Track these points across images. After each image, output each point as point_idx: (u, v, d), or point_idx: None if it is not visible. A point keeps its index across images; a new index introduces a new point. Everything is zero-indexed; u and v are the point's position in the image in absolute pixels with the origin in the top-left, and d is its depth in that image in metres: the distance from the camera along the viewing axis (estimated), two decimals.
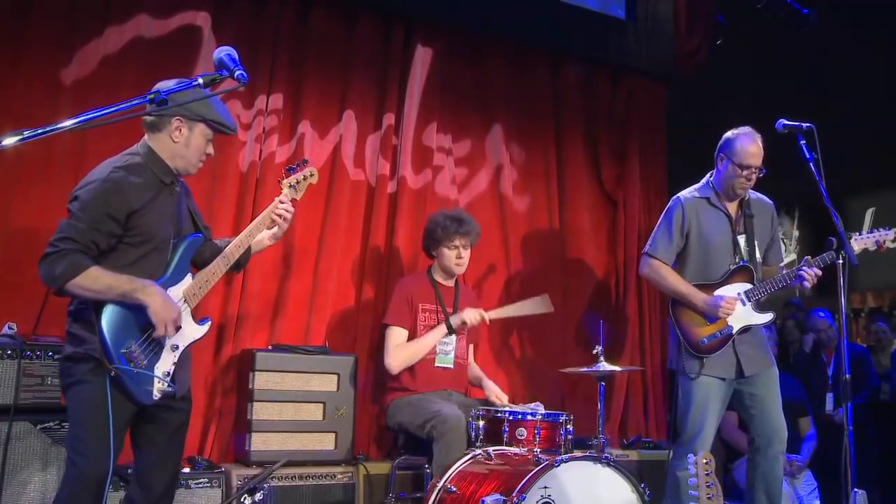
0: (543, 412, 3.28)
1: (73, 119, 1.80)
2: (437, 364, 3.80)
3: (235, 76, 2.07)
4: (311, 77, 4.33)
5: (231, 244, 2.82)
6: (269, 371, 3.56)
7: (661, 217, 3.79)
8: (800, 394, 4.79)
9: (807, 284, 3.49)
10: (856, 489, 2.95)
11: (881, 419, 5.22)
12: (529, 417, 3.22)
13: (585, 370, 3.34)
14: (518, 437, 3.19)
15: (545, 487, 2.83)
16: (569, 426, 3.26)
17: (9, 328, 3.12)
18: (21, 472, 2.93)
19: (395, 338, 3.77)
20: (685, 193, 3.76)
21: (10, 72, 3.60)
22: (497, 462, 3.08)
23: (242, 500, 3.29)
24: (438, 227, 3.85)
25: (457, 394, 3.84)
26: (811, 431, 4.73)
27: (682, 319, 3.60)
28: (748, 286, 3.56)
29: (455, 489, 3.03)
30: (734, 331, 3.53)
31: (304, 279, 4.17)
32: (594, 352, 3.33)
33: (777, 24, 5.47)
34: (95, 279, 2.39)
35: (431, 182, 4.62)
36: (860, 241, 3.44)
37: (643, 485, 3.02)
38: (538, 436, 3.19)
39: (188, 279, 2.67)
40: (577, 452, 3.11)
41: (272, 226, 2.93)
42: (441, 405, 3.49)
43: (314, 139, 4.32)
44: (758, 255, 3.67)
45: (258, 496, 3.32)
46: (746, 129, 3.61)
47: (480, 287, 4.70)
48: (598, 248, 5.19)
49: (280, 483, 3.41)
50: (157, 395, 2.52)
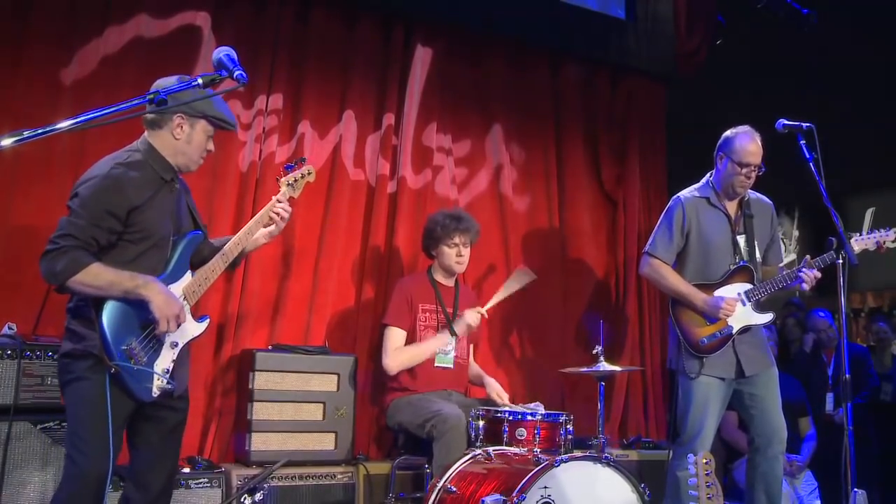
0: (543, 412, 3.29)
1: (73, 119, 1.80)
2: (437, 364, 3.79)
3: (235, 76, 2.07)
4: (311, 77, 4.33)
5: (230, 242, 2.82)
6: (269, 371, 3.56)
7: (662, 217, 3.79)
8: (800, 394, 4.79)
9: (805, 286, 3.49)
10: (856, 489, 2.95)
11: (881, 419, 5.22)
12: (529, 417, 3.22)
13: (585, 370, 3.33)
14: (518, 437, 3.19)
15: (545, 487, 2.83)
16: (569, 426, 3.26)
17: (9, 328, 3.12)
18: (21, 472, 2.93)
19: (394, 338, 3.77)
20: (685, 193, 3.76)
21: (10, 72, 3.60)
22: (497, 462, 3.08)
23: (242, 500, 3.29)
24: (438, 226, 3.84)
25: (457, 394, 3.84)
26: (811, 431, 4.73)
27: (682, 319, 3.61)
28: (748, 286, 3.57)
29: (455, 489, 3.03)
30: (734, 331, 3.53)
31: (304, 279, 4.17)
32: (594, 352, 3.33)
33: (777, 24, 5.47)
34: (97, 276, 2.39)
35: (431, 182, 4.62)
36: (860, 242, 3.45)
37: (643, 485, 3.02)
38: (538, 436, 3.19)
39: (188, 276, 2.67)
40: (577, 452, 3.11)
41: (269, 224, 2.93)
42: (441, 405, 3.49)
43: (314, 139, 4.32)
44: (758, 255, 3.67)
45: (258, 496, 3.32)
46: (745, 128, 3.62)
47: (480, 287, 4.69)
48: (598, 248, 5.19)
49: (280, 483, 3.41)
50: (157, 393, 2.52)
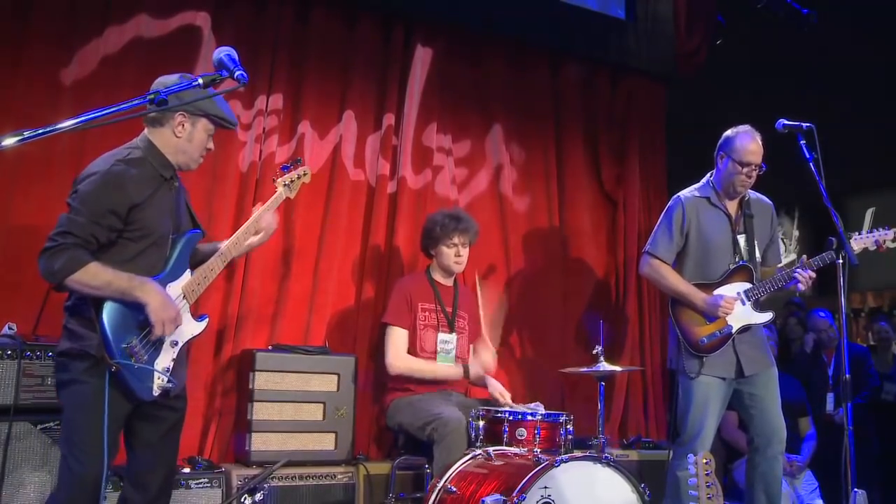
0: (543, 412, 3.28)
1: (73, 119, 1.80)
2: (438, 363, 3.79)
3: (235, 76, 2.06)
4: (311, 77, 4.33)
5: (228, 241, 2.82)
6: (269, 371, 3.56)
7: (662, 216, 3.79)
8: (799, 394, 4.79)
9: (801, 287, 3.49)
10: (856, 489, 2.95)
11: (881, 419, 5.22)
12: (529, 418, 3.22)
13: (585, 370, 3.33)
14: (518, 438, 3.19)
15: (545, 487, 2.83)
16: (569, 426, 3.26)
17: (9, 328, 3.12)
18: (21, 473, 2.93)
19: (397, 337, 3.77)
20: (685, 193, 3.76)
21: (10, 72, 3.60)
22: (497, 462, 3.07)
23: (242, 501, 3.29)
24: (437, 226, 3.84)
25: (457, 394, 3.84)
26: (811, 431, 4.72)
27: (682, 319, 3.61)
28: (748, 285, 3.57)
29: (455, 489, 3.02)
30: (734, 330, 3.53)
31: (304, 279, 4.17)
32: (594, 352, 3.33)
33: (777, 24, 5.47)
34: (95, 275, 2.37)
35: (431, 182, 4.62)
36: (860, 241, 3.45)
37: (643, 485, 3.01)
38: (538, 436, 3.19)
39: (187, 275, 2.66)
40: (577, 452, 3.11)
41: (257, 234, 2.92)
42: (442, 408, 3.48)
43: (314, 139, 4.32)
44: (757, 255, 3.67)
45: (258, 496, 3.32)
46: (746, 127, 3.62)
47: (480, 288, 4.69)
48: (598, 248, 5.19)
49: (280, 483, 3.40)
50: (157, 392, 2.51)
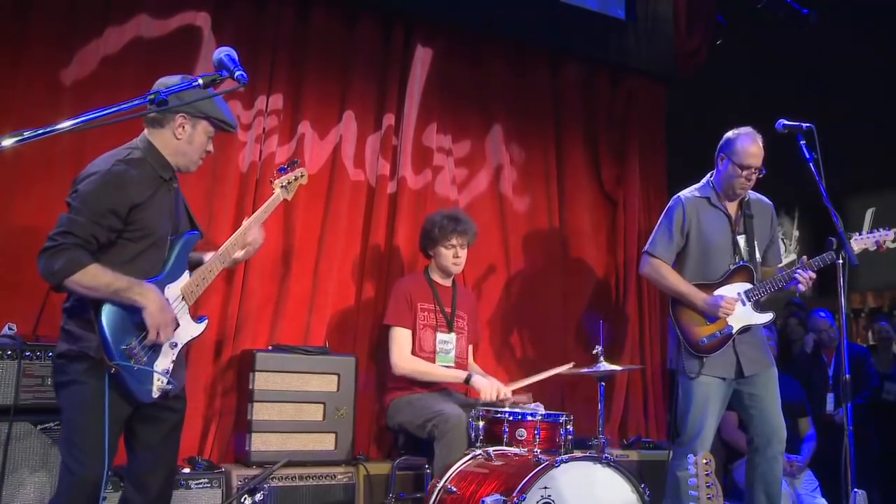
0: (543, 412, 3.29)
1: (74, 119, 1.79)
2: (438, 363, 3.79)
3: (235, 77, 2.06)
4: (311, 77, 4.33)
5: (226, 243, 2.81)
6: (269, 371, 3.56)
7: (662, 216, 3.79)
8: (799, 394, 4.79)
9: (801, 287, 3.49)
10: (856, 489, 2.95)
11: (881, 419, 5.22)
12: (529, 418, 3.22)
13: (585, 370, 3.33)
14: (518, 438, 3.19)
15: (545, 488, 2.83)
16: (569, 426, 3.26)
17: (9, 328, 3.12)
18: (21, 473, 2.93)
19: (401, 338, 3.76)
20: (685, 193, 3.76)
21: (10, 72, 3.60)
22: (497, 462, 3.07)
23: (242, 501, 3.29)
24: (435, 227, 3.84)
25: (457, 394, 3.84)
26: (811, 432, 4.72)
27: (682, 319, 3.61)
28: (748, 286, 3.57)
29: (455, 489, 3.03)
30: (734, 330, 3.53)
31: (304, 279, 4.17)
32: (594, 352, 3.33)
33: (777, 24, 5.47)
34: (94, 277, 2.36)
35: (431, 182, 4.62)
36: (860, 242, 3.45)
37: (643, 485, 3.02)
38: (538, 436, 3.19)
39: (186, 276, 2.65)
40: (578, 453, 3.11)
41: (244, 247, 2.88)
42: (442, 405, 3.49)
43: (314, 139, 4.32)
44: (757, 256, 3.67)
45: (258, 496, 3.32)
46: (747, 130, 3.61)
47: (480, 287, 4.70)
48: (598, 248, 5.19)
49: (280, 483, 3.40)
50: (157, 394, 2.50)
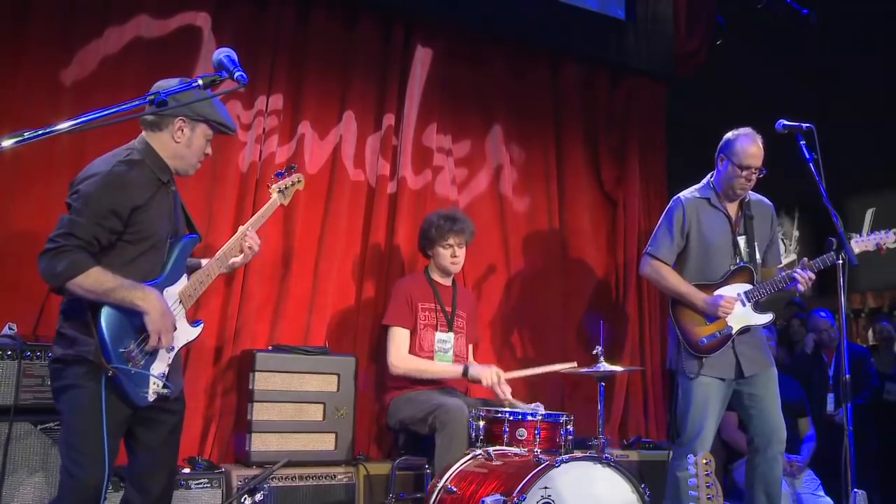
0: (543, 412, 3.28)
1: (74, 120, 1.79)
2: (440, 362, 3.79)
3: (235, 77, 2.05)
4: (311, 77, 4.33)
5: (223, 248, 2.80)
6: (270, 371, 3.56)
7: (662, 217, 3.79)
8: (799, 394, 4.79)
9: (801, 288, 3.49)
10: (856, 489, 2.95)
11: (882, 419, 5.22)
12: (530, 418, 3.22)
13: (586, 370, 3.33)
14: (518, 438, 3.19)
15: (545, 488, 2.83)
16: (569, 426, 3.25)
17: (9, 328, 3.12)
18: (21, 473, 2.93)
19: (399, 338, 3.77)
20: (686, 193, 3.77)
21: (10, 72, 3.60)
22: (497, 462, 3.07)
23: (243, 501, 3.29)
24: (432, 227, 3.85)
25: (457, 392, 3.84)
26: (810, 432, 4.72)
27: (682, 319, 3.61)
28: (748, 286, 3.57)
29: (455, 489, 3.02)
30: (734, 331, 3.53)
31: (304, 279, 4.17)
32: (594, 352, 3.33)
33: (777, 24, 5.47)
34: (96, 280, 2.33)
35: (431, 182, 4.62)
36: (860, 244, 3.45)
37: (643, 485, 3.01)
38: (538, 436, 3.19)
39: (184, 280, 2.64)
40: (578, 453, 3.11)
41: (240, 253, 2.86)
42: (442, 398, 3.51)
43: (314, 140, 4.32)
44: (758, 257, 3.67)
45: (258, 496, 3.32)
46: (747, 130, 3.61)
47: (480, 287, 4.70)
48: (598, 248, 5.19)
49: (280, 483, 3.40)
50: (152, 398, 2.47)
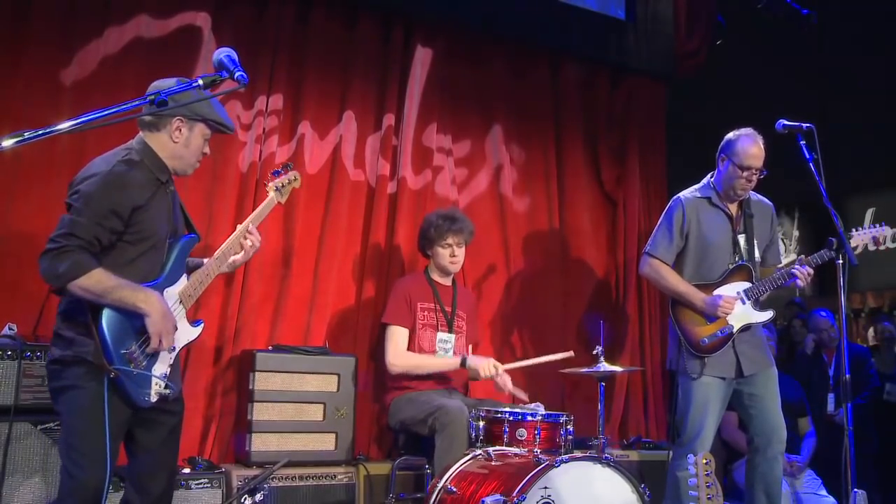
0: (543, 412, 3.28)
1: (74, 120, 1.79)
2: (436, 357, 3.79)
3: (235, 77, 2.05)
4: (311, 77, 4.33)
5: (222, 247, 2.79)
6: (270, 371, 3.56)
7: (662, 217, 3.79)
8: (799, 394, 4.79)
9: (800, 283, 3.50)
10: (856, 489, 2.95)
11: (882, 419, 5.22)
12: (530, 418, 3.22)
13: (586, 370, 3.33)
14: (518, 438, 3.18)
15: (545, 488, 2.83)
16: (569, 426, 3.25)
17: (9, 328, 3.12)
18: (21, 473, 2.93)
19: (397, 337, 3.77)
20: (686, 193, 3.76)
21: (10, 72, 3.59)
22: (497, 462, 3.07)
23: (243, 501, 3.29)
24: (431, 227, 3.86)
25: (457, 393, 3.85)
26: (810, 431, 4.72)
27: (683, 319, 3.61)
28: (747, 285, 3.57)
29: (455, 489, 3.02)
30: (734, 330, 3.53)
31: (304, 279, 4.17)
32: (594, 352, 3.33)
33: (777, 24, 5.47)
34: (98, 281, 2.32)
35: (431, 182, 4.62)
36: (857, 238, 3.44)
37: (643, 485, 3.01)
38: (538, 436, 3.19)
39: (183, 280, 2.64)
40: (578, 453, 3.11)
41: (238, 252, 2.84)
42: (443, 399, 3.51)
43: (314, 140, 4.32)
44: (757, 255, 3.67)
45: (258, 497, 3.32)
46: (747, 131, 3.61)
47: (480, 287, 4.70)
48: (598, 248, 5.19)
49: (280, 483, 3.41)
50: (155, 398, 2.47)
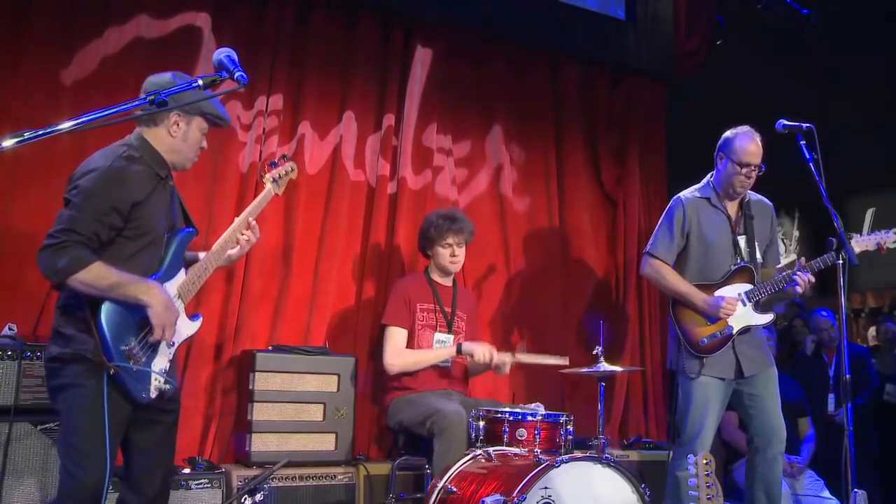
0: (544, 413, 3.28)
1: (74, 120, 1.78)
2: (430, 349, 3.80)
3: (235, 77, 2.05)
4: (311, 78, 4.33)
5: (219, 240, 2.78)
6: (270, 371, 3.56)
7: (662, 217, 3.79)
8: (799, 394, 4.79)
9: (799, 290, 3.49)
10: (856, 489, 2.95)
11: (882, 419, 5.22)
12: (530, 418, 3.22)
13: (586, 370, 3.33)
14: (518, 438, 3.18)
15: (545, 488, 2.83)
16: (569, 427, 3.25)
17: (9, 329, 3.12)
18: (21, 473, 2.93)
19: (395, 337, 3.77)
20: (686, 193, 3.77)
21: (10, 72, 3.60)
22: (497, 462, 3.07)
23: (243, 501, 3.29)
24: (431, 227, 3.86)
25: (457, 393, 3.84)
26: (810, 432, 4.72)
27: (683, 319, 3.61)
28: (748, 287, 3.57)
29: (455, 489, 3.02)
30: (734, 331, 3.53)
31: (304, 279, 4.17)
32: (594, 352, 3.33)
33: (777, 24, 5.47)
34: (98, 275, 2.31)
35: (431, 183, 4.62)
36: (860, 243, 3.44)
37: (643, 485, 3.01)
38: (538, 436, 3.18)
39: (182, 275, 2.63)
40: (578, 453, 3.11)
41: (235, 247, 2.84)
42: (442, 403, 3.50)
43: (314, 140, 4.32)
44: (758, 256, 3.67)
45: (258, 497, 3.32)
46: (745, 128, 3.63)
47: (480, 287, 4.70)
48: (598, 248, 5.19)
49: (280, 484, 3.40)
50: (154, 394, 2.47)
